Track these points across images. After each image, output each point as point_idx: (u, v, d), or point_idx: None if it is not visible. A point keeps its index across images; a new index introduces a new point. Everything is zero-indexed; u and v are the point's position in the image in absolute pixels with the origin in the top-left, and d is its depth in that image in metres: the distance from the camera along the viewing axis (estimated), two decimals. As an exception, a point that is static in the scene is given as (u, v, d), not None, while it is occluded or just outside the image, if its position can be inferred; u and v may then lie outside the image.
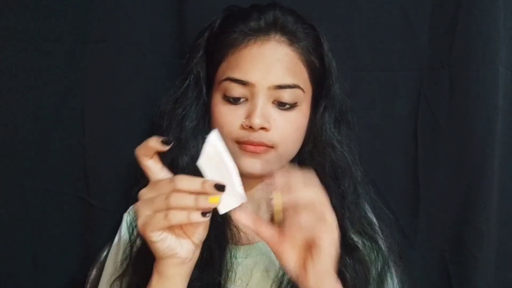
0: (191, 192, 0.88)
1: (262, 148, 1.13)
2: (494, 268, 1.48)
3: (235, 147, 1.14)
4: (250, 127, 1.11)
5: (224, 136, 1.08)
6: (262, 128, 1.11)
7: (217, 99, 1.16)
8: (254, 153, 1.13)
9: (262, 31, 1.13)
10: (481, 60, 1.41)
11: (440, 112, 1.47)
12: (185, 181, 0.88)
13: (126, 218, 1.23)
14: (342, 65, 1.26)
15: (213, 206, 0.89)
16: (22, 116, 1.40)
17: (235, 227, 1.18)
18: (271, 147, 1.14)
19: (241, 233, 1.18)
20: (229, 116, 1.14)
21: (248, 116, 1.11)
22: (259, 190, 1.23)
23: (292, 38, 1.15)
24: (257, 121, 1.09)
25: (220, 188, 0.89)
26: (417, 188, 1.48)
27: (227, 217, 1.17)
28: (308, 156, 1.22)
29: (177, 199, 0.88)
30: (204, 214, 0.89)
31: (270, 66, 1.12)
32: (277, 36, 1.13)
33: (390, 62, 1.47)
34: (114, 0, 1.40)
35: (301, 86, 1.14)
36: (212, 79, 1.20)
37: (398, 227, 1.39)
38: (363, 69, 1.45)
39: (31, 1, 1.37)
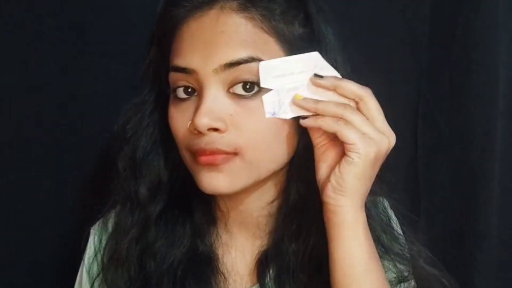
0: None
1: (220, 156, 0.87)
2: (494, 269, 1.47)
3: (191, 158, 0.91)
4: (198, 131, 0.86)
5: (178, 143, 0.93)
6: (215, 130, 0.86)
7: (171, 99, 0.94)
8: (211, 165, 0.88)
9: (205, 1, 0.89)
10: (481, 61, 1.40)
11: (440, 112, 1.47)
12: None
13: (93, 238, 1.08)
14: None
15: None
16: (22, 116, 1.37)
17: (222, 274, 1.00)
18: (234, 153, 0.87)
19: (230, 280, 1.01)
20: (178, 118, 0.91)
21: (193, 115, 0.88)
22: (251, 214, 1.01)
23: (245, 2, 0.88)
24: (202, 121, 0.84)
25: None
26: (417, 188, 1.48)
27: (213, 261, 1.02)
28: (302, 160, 0.94)
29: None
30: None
31: (211, 42, 0.86)
32: (222, 2, 0.88)
33: (390, 62, 1.47)
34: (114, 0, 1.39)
35: (265, 59, 0.87)
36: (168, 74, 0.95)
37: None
38: (363, 70, 1.37)
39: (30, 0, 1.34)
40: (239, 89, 0.86)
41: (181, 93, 0.89)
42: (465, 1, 1.41)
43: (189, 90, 0.88)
